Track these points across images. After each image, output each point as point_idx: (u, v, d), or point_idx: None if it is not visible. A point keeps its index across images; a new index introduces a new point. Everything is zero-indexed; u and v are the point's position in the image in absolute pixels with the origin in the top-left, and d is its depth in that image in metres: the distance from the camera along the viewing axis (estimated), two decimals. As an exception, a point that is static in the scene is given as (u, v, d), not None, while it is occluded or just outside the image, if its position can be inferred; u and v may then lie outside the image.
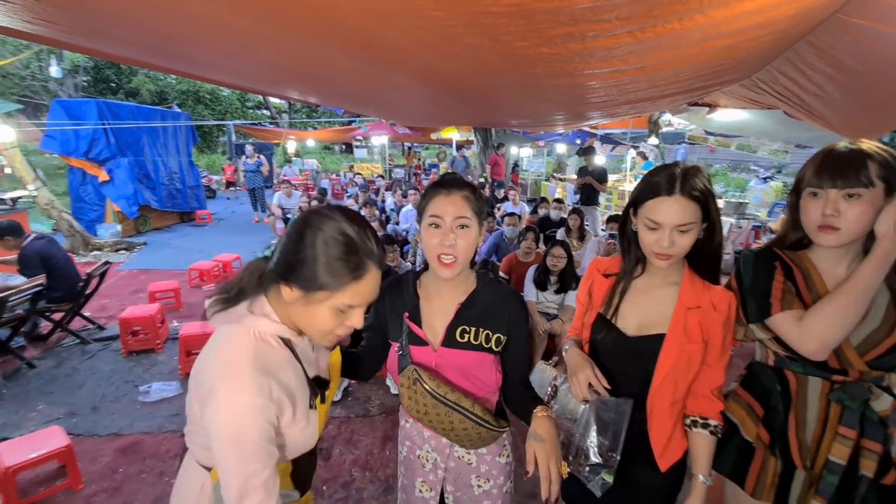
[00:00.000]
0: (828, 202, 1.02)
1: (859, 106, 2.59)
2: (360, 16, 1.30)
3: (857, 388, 1.06)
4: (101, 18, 1.58)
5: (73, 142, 7.59)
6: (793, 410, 1.15)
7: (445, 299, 1.18)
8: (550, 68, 1.92)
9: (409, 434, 1.34)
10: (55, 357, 3.80)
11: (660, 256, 1.10)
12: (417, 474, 1.32)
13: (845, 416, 1.07)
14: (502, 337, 1.17)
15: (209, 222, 9.92)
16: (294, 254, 0.85)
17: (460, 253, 1.09)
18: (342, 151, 25.21)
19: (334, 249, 0.84)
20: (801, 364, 1.13)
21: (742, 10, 1.33)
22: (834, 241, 1.03)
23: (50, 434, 2.41)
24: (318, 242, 0.84)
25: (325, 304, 0.86)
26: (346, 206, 0.94)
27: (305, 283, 0.84)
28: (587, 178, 7.04)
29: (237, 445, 0.80)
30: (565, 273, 3.52)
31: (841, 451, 1.07)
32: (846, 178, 0.99)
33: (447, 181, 1.14)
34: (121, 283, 5.73)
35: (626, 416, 1.12)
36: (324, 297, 0.85)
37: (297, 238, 0.85)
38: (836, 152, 1.03)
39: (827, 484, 1.09)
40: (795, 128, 4.32)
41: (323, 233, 0.84)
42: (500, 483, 1.28)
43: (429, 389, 1.09)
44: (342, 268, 0.84)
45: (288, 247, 0.86)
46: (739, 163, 19.53)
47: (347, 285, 0.85)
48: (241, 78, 3.05)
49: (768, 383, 1.20)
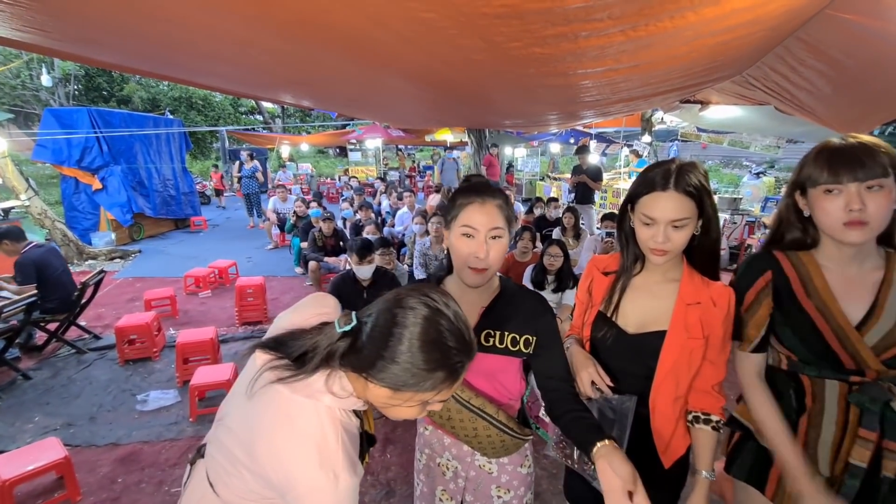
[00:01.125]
0: (851, 197, 0.97)
1: (849, 100, 2.61)
2: (351, 19, 1.30)
3: (877, 389, 1.03)
4: (92, 25, 1.57)
5: (66, 150, 7.53)
6: (806, 415, 1.13)
7: (470, 303, 1.15)
8: (544, 68, 1.93)
9: (428, 441, 1.31)
10: (51, 367, 3.76)
11: (656, 252, 1.10)
12: (438, 482, 1.30)
13: (865, 417, 1.04)
14: (531, 338, 1.15)
15: (204, 229, 9.88)
16: (389, 356, 0.77)
17: (492, 262, 1.07)
18: (336, 155, 25.17)
19: (436, 351, 0.77)
20: (815, 367, 1.10)
21: (733, 7, 1.33)
22: (863, 236, 0.98)
23: (47, 445, 2.39)
24: (421, 343, 0.76)
25: (410, 406, 0.82)
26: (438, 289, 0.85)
27: (396, 384, 0.78)
28: (581, 177, 7.06)
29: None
30: (562, 272, 3.53)
31: (862, 453, 1.04)
32: (866, 170, 0.95)
33: (480, 188, 1.09)
34: (116, 291, 5.70)
35: (631, 413, 1.12)
36: (386, 392, 0.80)
37: (385, 336, 0.78)
38: (842, 146, 1.00)
39: (849, 487, 1.06)
40: (787, 123, 4.35)
41: (430, 330, 0.77)
42: (520, 494, 1.26)
43: (454, 395, 1.08)
44: (441, 370, 0.77)
45: (381, 344, 0.78)
46: (732, 159, 19.65)
47: (412, 393, 0.78)
48: (233, 83, 3.04)
49: (782, 387, 1.17)
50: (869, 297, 1.04)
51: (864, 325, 1.03)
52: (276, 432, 0.81)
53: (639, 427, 1.15)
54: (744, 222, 6.97)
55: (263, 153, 14.49)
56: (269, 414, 0.83)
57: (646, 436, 1.18)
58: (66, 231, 6.92)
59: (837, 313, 1.05)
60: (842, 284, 1.07)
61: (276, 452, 0.80)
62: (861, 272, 1.06)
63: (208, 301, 5.38)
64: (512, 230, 1.13)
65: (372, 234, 5.46)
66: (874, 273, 1.05)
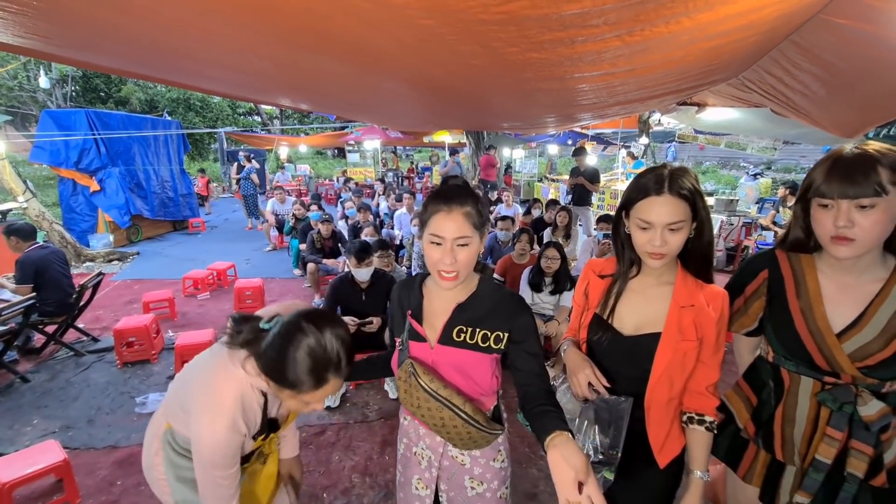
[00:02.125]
0: (840, 213, 0.98)
1: (843, 103, 2.64)
2: (350, 25, 1.31)
3: (843, 391, 1.08)
4: (92, 32, 1.58)
5: (63, 152, 7.51)
6: (781, 406, 1.19)
7: (445, 300, 1.21)
8: (541, 72, 1.94)
9: (406, 431, 1.37)
10: (49, 370, 3.76)
11: (653, 256, 1.12)
12: (413, 471, 1.34)
13: (834, 417, 1.09)
14: (502, 334, 1.17)
15: (202, 230, 9.86)
16: (274, 360, 1.06)
17: (461, 268, 1.10)
18: (335, 156, 25.18)
19: (304, 365, 1.04)
20: (793, 363, 1.15)
21: (727, 13, 1.35)
22: (849, 252, 1.00)
23: (45, 448, 2.39)
24: (292, 357, 1.04)
25: (291, 398, 1.10)
26: (331, 315, 1.14)
27: (278, 381, 1.07)
28: (579, 179, 7.08)
29: (210, 458, 1.11)
30: (559, 274, 3.54)
31: (827, 451, 1.10)
32: (857, 188, 0.95)
33: (448, 195, 1.11)
34: (114, 293, 5.69)
35: (627, 414, 1.14)
36: (290, 394, 1.08)
37: (280, 348, 1.06)
38: (844, 158, 0.99)
39: (811, 480, 1.12)
40: (783, 125, 4.37)
41: (299, 350, 1.04)
42: (493, 487, 1.29)
43: (422, 384, 1.12)
44: (309, 379, 1.05)
45: (272, 350, 1.07)
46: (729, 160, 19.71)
47: (309, 391, 1.07)
48: (232, 87, 3.05)
49: (765, 377, 1.24)
50: (860, 306, 1.06)
51: (847, 332, 1.06)
52: (201, 377, 1.19)
53: (634, 428, 1.17)
54: (740, 224, 7.00)
55: (262, 154, 14.48)
56: (206, 362, 1.21)
57: (641, 436, 1.20)
58: (63, 233, 6.91)
59: (820, 317, 1.09)
60: (835, 290, 1.10)
61: (193, 389, 1.17)
62: (859, 281, 1.07)
63: (207, 303, 5.38)
64: (484, 234, 1.15)
65: (370, 235, 5.47)
66: (873, 284, 1.06)
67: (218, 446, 1.09)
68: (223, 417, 1.10)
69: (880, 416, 1.04)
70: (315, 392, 1.07)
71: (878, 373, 1.04)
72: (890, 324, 1.02)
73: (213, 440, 1.09)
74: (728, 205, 7.28)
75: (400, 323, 1.29)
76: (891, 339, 1.01)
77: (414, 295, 1.26)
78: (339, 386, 1.12)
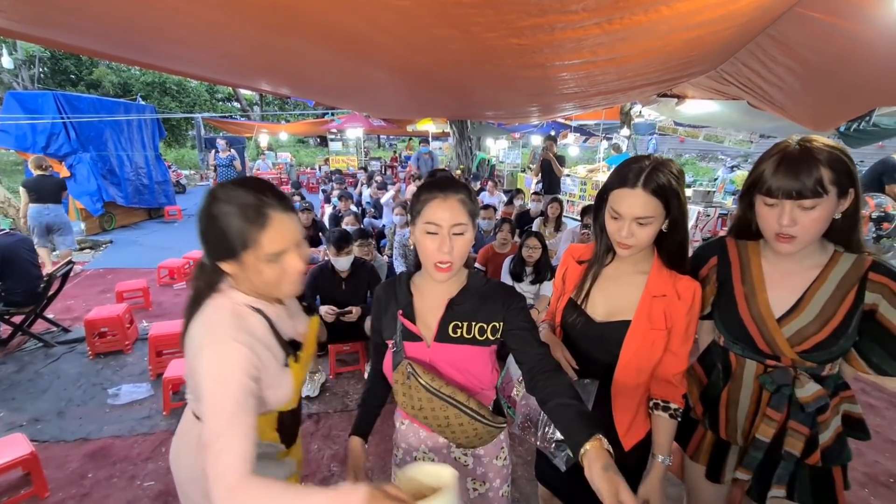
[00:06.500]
0: (783, 213, 1.02)
1: (816, 97, 2.69)
2: (321, 6, 1.27)
3: (782, 373, 1.12)
4: (55, 7, 1.50)
5: (30, 137, 7.22)
6: (727, 388, 1.24)
7: (438, 296, 1.17)
8: (521, 59, 1.93)
9: (405, 436, 1.32)
10: (17, 362, 3.64)
11: (621, 245, 1.14)
12: None
13: (773, 399, 1.14)
14: (497, 324, 1.16)
15: (179, 219, 9.63)
16: (207, 236, 0.97)
17: (456, 258, 1.08)
18: (317, 145, 24.79)
19: (233, 216, 0.94)
20: (739, 347, 1.20)
21: (705, 3, 1.36)
22: (791, 248, 1.05)
23: (12, 441, 2.32)
24: (218, 219, 0.94)
25: (256, 262, 0.96)
26: (246, 178, 1.04)
27: (230, 253, 0.96)
28: (547, 153, 6.99)
29: (221, 391, 0.89)
30: (540, 264, 3.56)
31: (766, 430, 1.15)
32: (801, 189, 0.98)
33: (442, 183, 1.09)
34: (86, 283, 5.53)
35: (592, 396, 1.17)
36: (250, 256, 0.95)
37: (205, 222, 0.96)
38: (789, 157, 1.01)
39: (751, 458, 1.18)
40: (759, 118, 4.46)
41: (219, 209, 0.94)
42: (496, 486, 1.28)
43: (423, 383, 1.09)
44: (246, 225, 0.94)
45: (202, 233, 0.98)
46: (708, 152, 20.06)
47: (258, 236, 0.94)
48: (206, 69, 2.96)
49: (715, 359, 1.29)
50: (799, 292, 1.10)
51: (786, 317, 1.10)
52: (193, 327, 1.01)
53: (601, 411, 1.19)
54: (716, 215, 7.14)
55: (241, 142, 14.15)
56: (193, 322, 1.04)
57: (608, 419, 1.22)
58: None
59: (762, 302, 1.13)
60: (777, 276, 1.14)
61: (191, 339, 0.98)
62: (800, 267, 1.11)
63: (183, 293, 5.26)
64: (476, 224, 1.14)
65: (351, 224, 5.41)
66: (812, 270, 1.10)
67: (230, 374, 0.90)
68: (224, 336, 0.94)
69: (816, 398, 1.09)
70: (266, 233, 0.94)
71: (816, 356, 1.08)
72: (825, 308, 1.06)
73: (223, 366, 0.91)
74: (705, 196, 7.41)
75: (390, 325, 1.22)
76: (825, 323, 1.06)
77: (402, 294, 1.21)
78: (291, 225, 1.00)
